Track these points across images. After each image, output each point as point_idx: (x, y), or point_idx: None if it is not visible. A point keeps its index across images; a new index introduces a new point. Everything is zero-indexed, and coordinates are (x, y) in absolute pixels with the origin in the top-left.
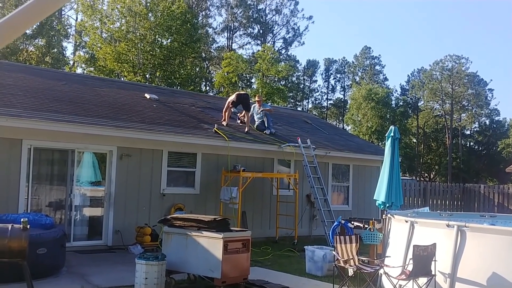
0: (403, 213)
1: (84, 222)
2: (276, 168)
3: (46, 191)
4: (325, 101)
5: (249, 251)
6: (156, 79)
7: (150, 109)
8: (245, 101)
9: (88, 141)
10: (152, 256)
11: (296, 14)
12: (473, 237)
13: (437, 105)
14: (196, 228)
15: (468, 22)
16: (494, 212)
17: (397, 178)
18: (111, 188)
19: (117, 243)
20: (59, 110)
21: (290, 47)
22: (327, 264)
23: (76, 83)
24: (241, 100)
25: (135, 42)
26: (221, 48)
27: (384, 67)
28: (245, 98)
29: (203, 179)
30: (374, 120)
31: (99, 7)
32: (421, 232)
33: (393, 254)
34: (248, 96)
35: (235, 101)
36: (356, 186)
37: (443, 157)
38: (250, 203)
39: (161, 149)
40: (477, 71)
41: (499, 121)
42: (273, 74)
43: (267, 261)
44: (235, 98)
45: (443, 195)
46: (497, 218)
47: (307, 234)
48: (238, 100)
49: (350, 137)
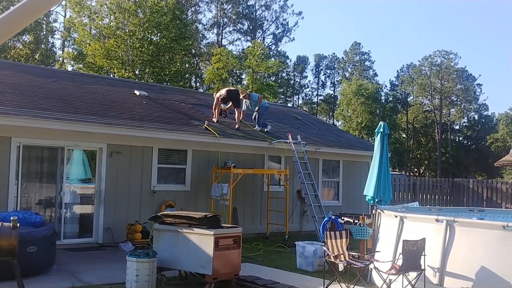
0: (392, 208)
1: (74, 220)
2: (267, 164)
3: (35, 189)
4: (315, 97)
5: (240, 247)
6: (146, 76)
7: (140, 106)
8: (236, 98)
9: (77, 139)
10: (143, 253)
11: (286, 9)
12: (462, 231)
13: (426, 100)
14: (187, 225)
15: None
16: (483, 207)
17: (386, 173)
18: (101, 185)
19: (107, 240)
20: (48, 107)
21: (280, 43)
22: (318, 260)
23: (66, 80)
24: (232, 96)
25: (124, 39)
26: (211, 44)
27: (374, 62)
28: (236, 95)
29: (193, 176)
30: (364, 116)
31: (87, 4)
32: (410, 227)
33: (383, 249)
34: (238, 93)
35: (225, 97)
36: (346, 182)
37: (432, 152)
38: (241, 200)
39: (151, 146)
40: (466, 66)
41: (488, 116)
42: (263, 70)
43: (258, 257)
44: (225, 94)
45: (432, 190)
46: (485, 213)
47: (298, 230)
48: (229, 96)
49: (340, 133)
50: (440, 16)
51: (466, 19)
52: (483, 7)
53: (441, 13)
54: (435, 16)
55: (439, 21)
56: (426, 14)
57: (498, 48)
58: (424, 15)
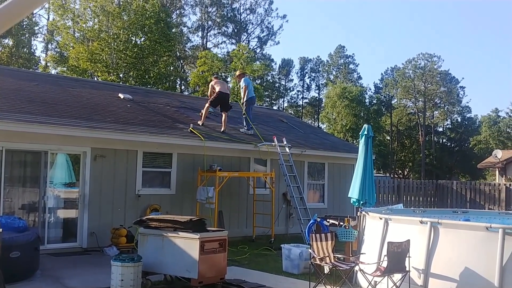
0: (377, 210)
1: (58, 224)
2: (252, 167)
3: (19, 194)
4: (300, 99)
5: (226, 250)
6: (130, 79)
7: (124, 109)
8: (225, 102)
9: (61, 142)
10: (127, 258)
11: (271, 13)
12: (446, 233)
13: (410, 103)
14: (172, 229)
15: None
16: (466, 208)
17: (371, 175)
18: (85, 189)
19: (92, 245)
20: (31, 111)
21: (265, 46)
22: (304, 262)
23: (49, 83)
24: (221, 101)
25: (108, 42)
26: (196, 47)
27: (358, 65)
28: (226, 99)
29: (179, 179)
30: (348, 118)
31: (71, 6)
32: (395, 229)
33: (368, 251)
34: (229, 97)
35: (215, 98)
36: (332, 184)
37: (416, 154)
38: (226, 203)
39: (136, 150)
40: (449, 69)
41: (471, 118)
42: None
43: (244, 260)
44: (216, 95)
45: (416, 192)
46: (469, 214)
47: (283, 233)
48: (218, 101)
49: (325, 136)
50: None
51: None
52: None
53: (425, 16)
54: (419, 19)
55: (422, 24)
56: (410, 17)
57: (481, 51)
58: (408, 18)
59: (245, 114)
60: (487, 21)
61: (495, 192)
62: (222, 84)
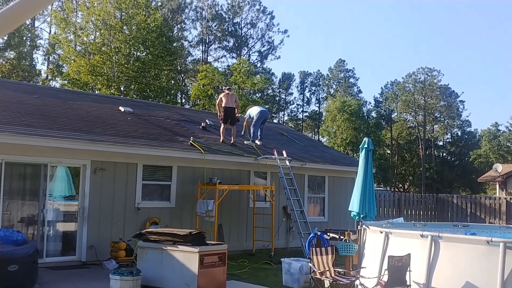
0: (378, 223)
1: (57, 238)
2: (252, 180)
3: (18, 206)
4: (300, 113)
5: (226, 264)
6: (131, 92)
7: (125, 122)
8: (232, 117)
9: (61, 155)
10: (126, 271)
11: (272, 28)
12: (447, 246)
13: (410, 116)
14: (171, 242)
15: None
16: (467, 222)
17: (371, 189)
18: (85, 202)
19: (91, 258)
20: (32, 124)
21: (266, 60)
22: (304, 276)
23: (49, 96)
24: (229, 116)
25: (110, 55)
26: (197, 61)
27: (358, 79)
28: (233, 114)
29: (178, 192)
30: (348, 132)
31: (73, 20)
32: (395, 243)
33: (369, 265)
34: (234, 110)
35: (224, 114)
36: (332, 198)
37: (416, 168)
38: (226, 216)
39: (136, 163)
40: (449, 83)
41: (471, 132)
42: (249, 86)
43: (244, 274)
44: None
45: (417, 206)
46: (469, 228)
47: (283, 246)
48: (226, 117)
49: (325, 149)
50: (424, 33)
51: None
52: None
53: (425, 31)
54: (419, 34)
55: (422, 38)
56: (410, 31)
57: (481, 65)
58: (408, 32)
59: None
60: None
61: (495, 206)
62: (229, 98)
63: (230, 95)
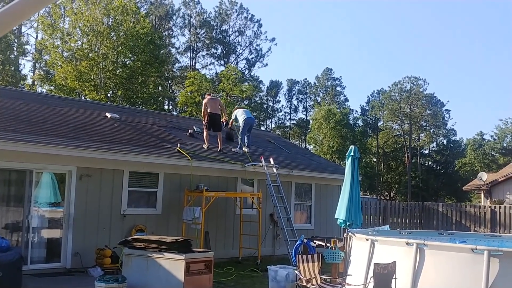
0: (364, 231)
1: (42, 244)
2: (239, 187)
3: (2, 213)
4: (288, 121)
5: (212, 272)
6: (118, 98)
7: (111, 129)
8: (217, 124)
9: (47, 161)
10: (112, 279)
11: (259, 36)
12: (432, 254)
13: (396, 125)
14: (157, 250)
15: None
16: (452, 230)
17: (357, 197)
18: (70, 209)
19: (76, 265)
20: (17, 129)
21: (253, 68)
22: (290, 284)
23: (35, 102)
24: (213, 124)
25: (97, 61)
26: (184, 68)
27: (345, 88)
28: (218, 120)
29: (165, 199)
30: (335, 140)
31: (60, 26)
32: (381, 250)
33: (355, 272)
34: (219, 116)
35: (208, 120)
36: (318, 205)
37: (402, 176)
38: (213, 223)
39: (122, 169)
40: (434, 92)
41: (456, 141)
42: (237, 94)
43: (230, 282)
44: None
45: (403, 214)
46: (454, 236)
47: (270, 254)
48: (210, 123)
49: (312, 157)
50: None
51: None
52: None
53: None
54: (405, 43)
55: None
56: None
57: (466, 74)
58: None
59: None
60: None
61: (480, 214)
62: (213, 103)
63: (214, 100)
